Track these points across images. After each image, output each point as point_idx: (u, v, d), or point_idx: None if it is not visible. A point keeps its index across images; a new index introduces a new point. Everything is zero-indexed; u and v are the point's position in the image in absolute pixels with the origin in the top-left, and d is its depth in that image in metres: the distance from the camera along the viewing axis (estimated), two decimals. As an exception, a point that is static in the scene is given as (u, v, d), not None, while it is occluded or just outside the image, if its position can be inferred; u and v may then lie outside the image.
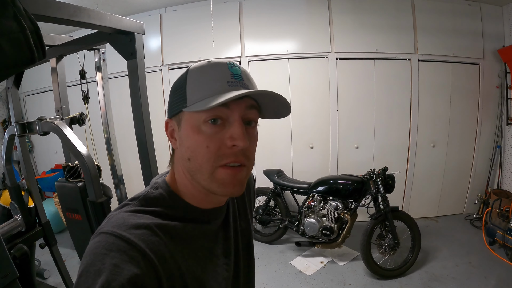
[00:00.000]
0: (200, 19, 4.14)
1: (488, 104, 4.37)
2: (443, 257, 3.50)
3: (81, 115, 1.98)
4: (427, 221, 4.39)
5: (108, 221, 0.62)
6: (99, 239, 0.57)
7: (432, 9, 4.11)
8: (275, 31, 4.11)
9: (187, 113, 0.64)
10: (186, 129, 0.65)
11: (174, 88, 0.69)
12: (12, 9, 0.96)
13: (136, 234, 0.57)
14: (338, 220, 3.40)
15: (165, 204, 0.68)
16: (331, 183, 3.45)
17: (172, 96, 0.69)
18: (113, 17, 1.44)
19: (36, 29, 1.01)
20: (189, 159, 0.65)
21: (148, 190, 0.70)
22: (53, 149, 5.21)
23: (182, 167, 0.69)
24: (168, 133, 0.71)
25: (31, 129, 1.75)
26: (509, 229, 3.38)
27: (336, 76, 4.12)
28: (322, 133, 4.25)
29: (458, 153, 4.41)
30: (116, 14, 4.15)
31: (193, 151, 0.65)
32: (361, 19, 4.05)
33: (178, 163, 0.71)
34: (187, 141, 0.65)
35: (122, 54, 1.59)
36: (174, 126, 0.69)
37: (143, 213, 0.64)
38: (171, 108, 0.69)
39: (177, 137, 0.69)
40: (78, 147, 1.54)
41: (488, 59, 4.28)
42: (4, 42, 0.92)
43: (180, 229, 0.66)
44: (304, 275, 3.29)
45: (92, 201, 1.58)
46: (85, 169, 1.53)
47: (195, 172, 0.66)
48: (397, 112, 4.23)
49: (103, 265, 0.52)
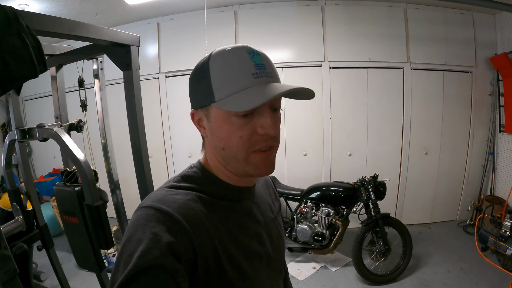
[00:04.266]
0: (197, 28, 4.20)
1: (481, 112, 4.44)
2: (434, 263, 3.54)
3: (79, 122, 2.05)
4: (420, 227, 4.42)
5: (148, 197, 0.68)
6: (140, 212, 0.63)
7: (424, 18, 4.18)
8: (270, 40, 4.18)
9: (216, 107, 0.67)
10: (218, 121, 0.69)
11: (196, 77, 0.71)
12: (16, 26, 1.04)
13: (173, 207, 0.62)
14: (330, 226, 3.45)
15: (199, 181, 0.74)
16: (323, 190, 3.51)
17: (196, 86, 0.71)
18: (110, 31, 1.51)
19: (38, 45, 1.09)
20: (224, 148, 0.70)
21: (185, 170, 0.77)
22: (52, 153, 5.26)
23: (215, 154, 0.74)
24: (196, 122, 0.74)
25: (31, 135, 1.81)
26: (501, 235, 3.42)
27: (330, 84, 4.20)
28: (315, 140, 4.32)
29: (451, 160, 4.46)
30: (114, 22, 4.21)
31: (227, 141, 0.69)
32: (354, 28, 4.13)
33: (210, 150, 0.76)
34: (219, 132, 0.69)
35: (118, 65, 1.66)
36: (201, 116, 0.72)
37: (180, 189, 0.69)
38: (196, 99, 0.72)
39: (207, 127, 0.72)
40: (76, 153, 1.60)
41: (480, 67, 4.35)
42: (9, 58, 1.01)
43: (214, 204, 0.71)
44: (297, 280, 3.34)
45: (89, 204, 1.64)
46: (82, 174, 1.60)
47: (230, 159, 0.71)
48: (390, 120, 4.29)
49: (143, 233, 0.57)
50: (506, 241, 3.37)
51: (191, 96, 0.73)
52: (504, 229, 3.42)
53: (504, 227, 3.43)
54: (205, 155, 0.79)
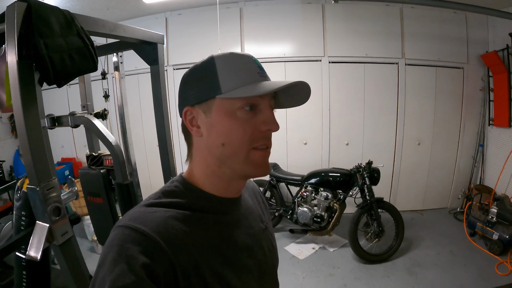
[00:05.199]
0: (203, 23, 4.40)
1: (472, 106, 4.63)
2: (426, 246, 3.76)
3: (104, 110, 2.26)
4: (413, 214, 4.64)
5: (126, 215, 0.64)
6: (116, 232, 0.60)
7: (419, 16, 4.36)
8: (273, 35, 4.38)
9: (220, 100, 0.66)
10: (219, 115, 0.66)
11: (196, 74, 0.70)
12: (75, 27, 1.28)
13: (150, 226, 0.59)
14: (328, 209, 3.70)
15: (181, 195, 0.70)
16: (322, 175, 3.75)
17: (195, 83, 0.69)
18: (140, 31, 1.75)
19: (91, 43, 1.33)
20: (223, 144, 0.67)
21: (166, 185, 0.74)
22: (59, 143, 5.44)
23: (209, 156, 0.70)
24: (188, 121, 0.70)
25: (61, 122, 1.96)
26: (488, 221, 3.62)
27: (329, 78, 4.41)
28: (315, 130, 4.54)
29: (443, 151, 4.67)
30: (124, 17, 4.41)
31: (228, 136, 0.66)
32: (353, 25, 4.32)
33: (201, 152, 0.72)
34: (220, 127, 0.67)
35: (146, 60, 1.90)
36: (195, 114, 0.69)
37: (159, 206, 0.66)
38: (194, 95, 0.69)
39: (203, 124, 0.69)
40: (108, 137, 1.79)
41: (472, 64, 4.53)
42: (75, 54, 1.24)
43: (197, 219, 0.67)
44: (297, 259, 3.58)
45: (119, 183, 1.83)
46: (114, 156, 1.79)
47: (229, 156, 0.68)
48: (385, 112, 4.50)
49: (119, 256, 0.55)
50: (492, 226, 3.57)
51: (186, 94, 0.71)
52: (491, 216, 3.61)
53: (491, 213, 3.61)
54: (191, 165, 0.75)
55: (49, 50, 1.17)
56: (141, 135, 4.70)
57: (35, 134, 1.21)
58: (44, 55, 1.15)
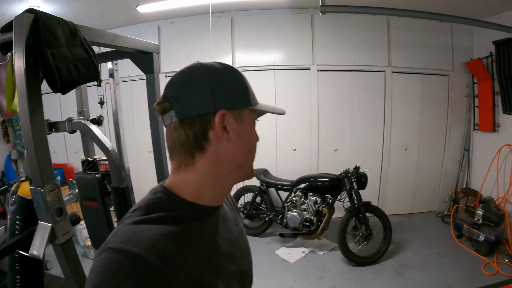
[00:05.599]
0: (196, 31, 4.45)
1: (457, 112, 4.76)
2: (413, 248, 3.84)
3: (100, 117, 2.30)
4: (401, 217, 4.72)
5: (114, 234, 0.60)
6: (107, 255, 0.56)
7: (405, 26, 4.48)
8: (263, 44, 4.48)
9: (249, 111, 0.72)
10: (249, 124, 0.72)
11: (228, 82, 0.69)
12: (79, 38, 1.36)
13: (146, 247, 0.55)
14: (317, 213, 3.77)
15: (166, 207, 0.66)
16: (311, 180, 3.84)
17: (229, 90, 0.68)
18: (138, 41, 1.83)
19: (94, 54, 1.41)
20: (250, 150, 0.73)
21: (148, 197, 0.69)
22: (51, 149, 5.38)
23: (226, 161, 0.69)
24: (222, 125, 0.67)
25: (58, 128, 2.02)
26: (474, 223, 3.71)
27: (317, 86, 4.51)
28: (304, 137, 4.62)
29: (429, 156, 4.78)
30: (117, 24, 4.48)
31: (253, 143, 0.74)
32: (341, 35, 4.44)
33: (215, 159, 0.69)
34: (249, 135, 0.73)
35: (142, 69, 1.99)
36: (229, 119, 0.68)
37: (148, 223, 0.61)
38: (231, 101, 0.68)
39: (234, 131, 0.68)
40: (105, 143, 1.85)
41: (457, 71, 4.67)
42: (80, 64, 1.32)
43: (188, 233, 0.65)
44: (288, 263, 3.63)
45: (115, 187, 1.88)
46: (111, 161, 1.85)
47: (249, 161, 0.74)
48: (372, 119, 4.61)
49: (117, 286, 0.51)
50: (479, 228, 3.66)
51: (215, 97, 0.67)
52: (477, 218, 3.69)
53: (477, 215, 3.70)
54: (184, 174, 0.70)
55: (56, 60, 1.23)
56: (133, 141, 4.72)
57: (40, 138, 1.28)
58: (52, 64, 1.21)
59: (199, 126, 0.66)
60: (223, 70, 0.69)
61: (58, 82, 1.25)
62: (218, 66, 0.70)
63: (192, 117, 0.66)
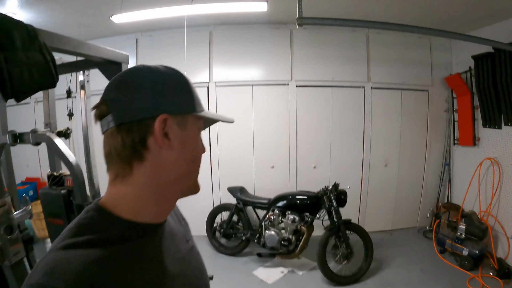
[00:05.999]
0: (174, 45, 4.37)
1: (437, 126, 4.79)
2: (396, 265, 3.78)
3: (67, 129, 2.19)
4: (382, 234, 4.67)
5: (39, 264, 0.53)
6: None
7: (385, 42, 4.51)
8: (242, 59, 4.42)
9: (193, 117, 0.67)
10: (193, 132, 0.67)
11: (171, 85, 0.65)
12: (37, 43, 1.26)
13: (72, 280, 0.49)
14: (295, 232, 3.68)
15: (98, 227, 0.58)
16: (289, 198, 3.77)
17: (171, 93, 0.64)
18: (105, 49, 1.75)
19: (53, 59, 1.31)
20: (194, 161, 0.67)
21: (79, 217, 0.62)
22: (25, 162, 5.24)
23: (166, 172, 0.64)
24: (162, 131, 0.61)
25: (23, 139, 1.91)
26: (457, 238, 3.70)
27: (296, 101, 4.46)
28: (282, 153, 4.55)
29: (410, 171, 4.77)
30: (95, 35, 4.37)
31: (198, 152, 0.68)
32: (320, 50, 4.42)
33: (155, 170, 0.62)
34: (193, 144, 0.67)
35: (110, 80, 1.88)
36: (172, 125, 0.62)
37: (77, 248, 0.54)
38: (175, 105, 0.63)
39: (176, 138, 0.63)
40: (68, 157, 1.75)
41: (436, 86, 4.71)
42: (35, 71, 1.23)
43: (124, 256, 0.58)
44: (266, 284, 3.53)
45: (79, 204, 1.78)
46: (74, 176, 1.75)
47: (192, 173, 0.68)
48: (352, 135, 4.58)
49: None
50: (462, 243, 3.65)
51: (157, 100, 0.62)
52: (459, 232, 3.69)
53: (460, 230, 3.70)
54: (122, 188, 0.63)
55: (8, 64, 1.15)
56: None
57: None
58: (3, 68, 1.13)
59: (138, 131, 0.60)
60: (168, 72, 0.66)
61: (9, 87, 1.16)
62: (163, 68, 0.66)
63: (130, 121, 0.60)
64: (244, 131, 4.44)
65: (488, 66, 3.83)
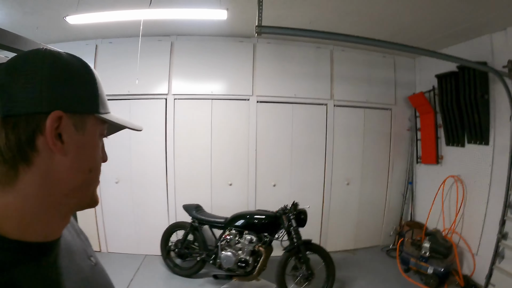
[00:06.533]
0: (134, 53, 4.14)
1: (400, 145, 4.83)
2: (359, 285, 3.72)
3: None
4: (345, 253, 4.61)
5: None
6: None
7: (349, 60, 4.53)
8: (203, 72, 4.29)
9: (95, 119, 0.57)
10: (92, 136, 0.57)
11: (72, 77, 0.55)
12: None
13: None
14: (253, 253, 3.54)
15: None
16: (247, 218, 3.63)
17: (71, 87, 0.54)
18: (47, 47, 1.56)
19: None
20: (91, 170, 0.58)
21: None
22: None
23: (59, 182, 0.54)
24: (54, 130, 0.51)
25: None
26: (421, 256, 3.69)
27: (256, 117, 4.36)
28: (241, 171, 4.42)
29: (372, 190, 4.76)
30: (54, 39, 4.14)
31: (96, 161, 0.60)
32: (283, 66, 4.37)
33: (46, 178, 0.52)
34: (91, 150, 0.58)
35: None
36: (67, 125, 0.53)
37: None
38: (71, 100, 0.53)
39: (72, 141, 0.54)
40: None
41: (399, 105, 4.77)
42: None
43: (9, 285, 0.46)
44: (222, 307, 3.36)
45: None
46: None
47: (89, 184, 0.59)
48: (314, 152, 4.52)
49: None
50: (426, 261, 3.64)
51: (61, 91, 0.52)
52: (424, 251, 3.69)
53: (424, 248, 3.70)
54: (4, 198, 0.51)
55: None
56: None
57: None
58: None
59: (25, 128, 0.49)
60: (71, 61, 0.55)
61: None
62: (67, 56, 0.56)
63: (18, 114, 0.49)
64: (202, 146, 4.30)
65: (451, 85, 3.89)
